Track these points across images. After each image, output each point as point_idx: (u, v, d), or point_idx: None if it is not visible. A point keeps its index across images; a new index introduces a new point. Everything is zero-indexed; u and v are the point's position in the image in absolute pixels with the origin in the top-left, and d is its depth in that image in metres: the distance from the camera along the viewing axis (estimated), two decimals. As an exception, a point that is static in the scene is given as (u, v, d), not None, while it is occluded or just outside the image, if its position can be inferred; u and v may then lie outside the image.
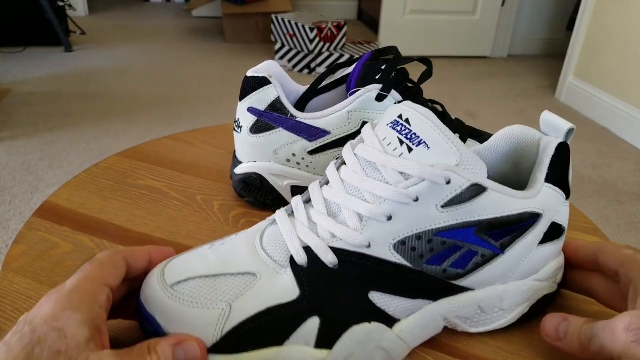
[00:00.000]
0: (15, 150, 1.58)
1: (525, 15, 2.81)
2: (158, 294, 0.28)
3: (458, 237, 0.29)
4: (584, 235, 0.46)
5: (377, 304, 0.30)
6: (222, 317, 0.27)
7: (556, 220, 0.33)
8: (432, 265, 0.30)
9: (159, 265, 0.30)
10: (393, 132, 0.30)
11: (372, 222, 0.29)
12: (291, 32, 2.31)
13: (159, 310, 0.28)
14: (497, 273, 0.32)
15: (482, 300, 0.33)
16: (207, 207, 0.47)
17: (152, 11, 3.56)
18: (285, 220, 0.31)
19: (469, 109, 2.08)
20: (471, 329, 0.34)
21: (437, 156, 0.28)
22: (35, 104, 1.91)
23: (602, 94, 2.01)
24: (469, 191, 0.28)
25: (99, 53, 2.54)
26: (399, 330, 0.31)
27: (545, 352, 0.33)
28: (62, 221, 0.44)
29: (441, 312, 0.32)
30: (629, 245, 0.34)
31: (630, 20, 1.86)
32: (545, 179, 0.32)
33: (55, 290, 0.26)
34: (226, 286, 0.28)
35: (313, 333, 0.28)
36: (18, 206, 1.30)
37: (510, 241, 0.31)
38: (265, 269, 0.29)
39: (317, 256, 0.29)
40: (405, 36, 2.67)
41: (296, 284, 0.29)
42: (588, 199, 1.49)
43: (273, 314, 0.28)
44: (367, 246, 0.29)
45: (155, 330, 0.28)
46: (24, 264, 0.39)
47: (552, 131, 0.33)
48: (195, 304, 0.28)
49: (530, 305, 0.34)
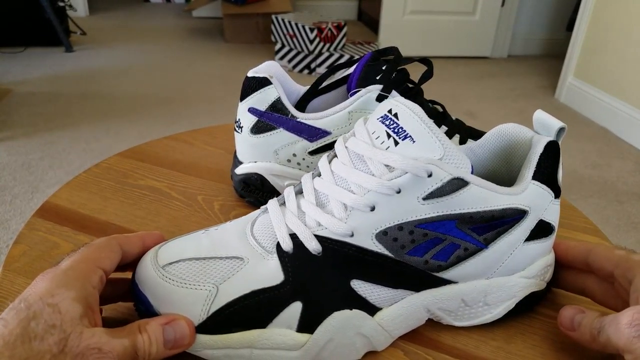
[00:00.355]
0: (16, 150, 1.58)
1: (525, 15, 2.81)
2: (150, 274, 0.29)
3: (439, 230, 0.30)
4: (584, 235, 0.46)
5: (359, 291, 0.31)
6: (209, 297, 0.29)
7: (544, 218, 0.33)
8: (414, 256, 0.31)
9: (154, 247, 0.31)
10: (382, 126, 0.30)
11: (356, 212, 0.30)
12: (291, 32, 2.31)
13: (151, 289, 0.29)
14: (481, 267, 0.33)
15: (465, 294, 0.33)
16: (207, 207, 0.47)
17: (153, 11, 3.56)
18: (276, 209, 0.32)
19: (469, 109, 2.08)
20: (455, 322, 0.34)
21: (421, 150, 0.29)
22: (36, 104, 1.91)
23: (601, 94, 2.01)
24: (450, 184, 0.29)
25: (99, 53, 2.54)
26: (380, 318, 0.31)
27: (545, 352, 0.34)
28: (62, 221, 0.44)
29: (423, 303, 0.33)
30: (619, 245, 0.35)
31: (629, 21, 1.86)
32: (532, 177, 0.32)
33: (50, 270, 0.27)
34: (214, 269, 0.30)
35: (295, 317, 0.29)
36: (18, 206, 1.30)
37: (495, 236, 0.32)
38: (253, 253, 0.30)
39: (302, 243, 0.30)
40: (405, 36, 2.67)
41: (281, 269, 0.30)
42: (588, 199, 1.49)
43: (257, 296, 0.29)
44: (350, 235, 0.30)
45: (147, 309, 0.29)
46: (25, 264, 0.39)
47: (544, 130, 0.34)
48: (184, 284, 0.29)
49: (516, 302, 0.34)
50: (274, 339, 0.29)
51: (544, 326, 0.36)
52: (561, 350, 0.34)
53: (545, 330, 0.35)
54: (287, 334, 0.29)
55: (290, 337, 0.29)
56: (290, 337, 0.29)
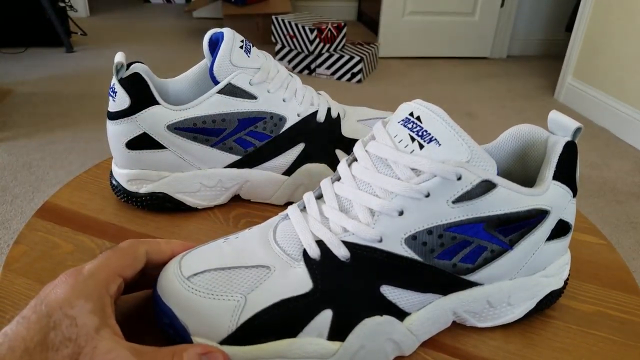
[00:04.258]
0: (16, 150, 1.58)
1: (524, 16, 2.81)
2: (174, 286, 0.29)
3: (468, 233, 0.30)
4: (584, 235, 0.46)
5: (388, 297, 0.30)
6: (238, 308, 0.28)
7: (563, 217, 0.33)
8: (442, 260, 0.30)
9: (176, 258, 0.31)
10: (404, 130, 0.30)
11: (384, 217, 0.29)
12: (291, 33, 2.31)
13: (175, 301, 0.28)
14: (506, 268, 0.33)
15: (490, 295, 0.33)
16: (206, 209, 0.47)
17: (153, 12, 3.56)
18: (298, 215, 0.32)
19: (468, 110, 2.08)
20: (479, 324, 0.34)
21: (448, 153, 0.29)
22: (36, 105, 1.91)
23: (600, 94, 2.01)
24: (479, 187, 0.29)
25: (100, 54, 2.54)
26: (409, 323, 0.31)
27: (545, 352, 0.34)
28: (62, 221, 0.44)
29: (450, 307, 0.33)
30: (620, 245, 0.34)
31: (629, 21, 1.86)
32: (553, 177, 0.32)
33: (73, 272, 0.27)
34: (241, 278, 0.29)
35: (326, 325, 0.29)
36: (19, 206, 1.30)
37: (519, 237, 0.32)
38: (279, 262, 0.30)
39: (329, 249, 0.30)
40: (404, 37, 2.67)
41: (309, 277, 0.29)
42: (587, 199, 1.49)
43: (287, 305, 0.29)
44: (379, 240, 0.29)
45: (171, 322, 0.28)
46: (25, 264, 0.39)
47: (559, 130, 0.34)
48: (211, 295, 0.28)
49: (537, 301, 0.35)
50: (305, 348, 0.29)
51: (543, 326, 0.36)
52: (560, 350, 0.34)
53: (545, 330, 0.35)
54: (319, 342, 0.29)
55: (322, 345, 0.29)
56: (321, 346, 0.29)
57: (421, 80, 2.39)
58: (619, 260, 0.43)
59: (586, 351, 0.34)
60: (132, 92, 0.41)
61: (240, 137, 0.44)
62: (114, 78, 0.41)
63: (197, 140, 0.43)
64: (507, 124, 0.39)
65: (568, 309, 0.37)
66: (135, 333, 0.28)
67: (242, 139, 0.44)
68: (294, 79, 0.46)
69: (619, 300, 0.38)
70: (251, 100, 0.43)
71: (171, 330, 0.29)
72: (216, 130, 0.43)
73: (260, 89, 0.43)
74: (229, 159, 0.45)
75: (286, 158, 0.46)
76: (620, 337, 0.35)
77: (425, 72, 2.53)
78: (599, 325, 0.36)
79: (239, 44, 0.43)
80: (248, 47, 0.44)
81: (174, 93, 0.47)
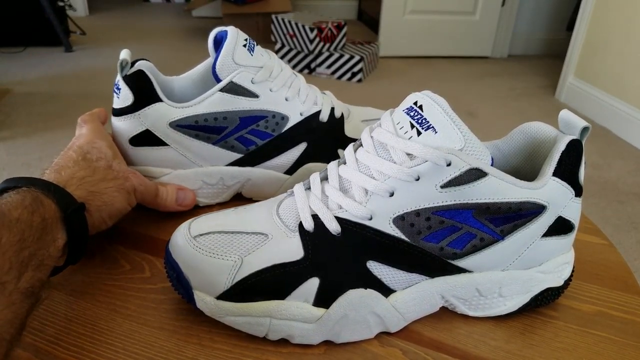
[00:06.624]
0: (15, 150, 1.58)
1: (525, 15, 2.81)
2: (182, 243, 0.32)
3: (456, 218, 0.31)
4: (585, 236, 0.46)
5: (374, 272, 0.32)
6: (234, 268, 0.31)
7: (563, 215, 0.34)
8: (430, 242, 0.32)
9: (189, 220, 0.34)
10: (407, 117, 0.32)
11: (376, 197, 0.31)
12: (291, 32, 2.31)
13: (182, 257, 0.32)
14: (497, 258, 0.33)
15: (479, 284, 0.34)
16: (207, 207, 0.47)
17: (152, 11, 3.56)
18: (301, 192, 0.34)
19: (469, 109, 2.08)
20: (470, 312, 0.35)
21: (443, 140, 0.30)
22: (35, 104, 1.91)
23: (602, 93, 2.01)
24: (468, 174, 0.30)
25: (99, 53, 2.54)
26: (393, 300, 0.33)
27: (545, 352, 0.33)
28: (61, 221, 0.44)
29: (437, 290, 0.34)
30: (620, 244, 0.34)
31: (630, 21, 1.86)
32: (553, 173, 0.32)
33: (83, 131, 0.42)
34: (240, 242, 0.32)
35: (312, 291, 0.31)
36: (18, 206, 1.30)
37: (512, 229, 0.32)
38: (277, 231, 0.33)
39: (322, 223, 0.32)
40: (405, 36, 2.67)
41: (302, 247, 0.32)
42: (588, 199, 1.49)
43: (278, 270, 0.31)
44: (369, 218, 0.31)
45: (177, 275, 0.32)
46: (24, 264, 0.38)
47: (568, 129, 0.34)
48: (212, 254, 0.31)
49: (531, 297, 0.35)
50: (292, 311, 0.31)
51: (544, 326, 0.36)
52: (561, 350, 0.34)
53: (545, 330, 0.35)
54: (304, 306, 0.31)
55: (307, 309, 0.31)
56: (306, 310, 0.31)
57: (422, 80, 2.39)
58: (620, 260, 0.43)
59: (587, 351, 0.34)
60: (135, 89, 0.41)
61: (241, 136, 0.44)
62: (118, 75, 0.42)
63: (198, 138, 0.43)
64: (508, 124, 0.39)
65: (569, 309, 0.37)
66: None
67: (244, 137, 0.44)
68: (297, 78, 0.46)
69: (620, 301, 0.38)
70: (253, 99, 0.43)
71: (177, 282, 0.32)
72: (218, 128, 0.43)
73: (262, 88, 0.43)
74: (230, 157, 0.45)
75: (288, 157, 0.46)
76: (621, 338, 0.35)
77: (425, 72, 2.53)
78: (600, 326, 0.36)
79: (243, 42, 0.43)
80: (252, 45, 0.44)
81: (179, 91, 0.47)
